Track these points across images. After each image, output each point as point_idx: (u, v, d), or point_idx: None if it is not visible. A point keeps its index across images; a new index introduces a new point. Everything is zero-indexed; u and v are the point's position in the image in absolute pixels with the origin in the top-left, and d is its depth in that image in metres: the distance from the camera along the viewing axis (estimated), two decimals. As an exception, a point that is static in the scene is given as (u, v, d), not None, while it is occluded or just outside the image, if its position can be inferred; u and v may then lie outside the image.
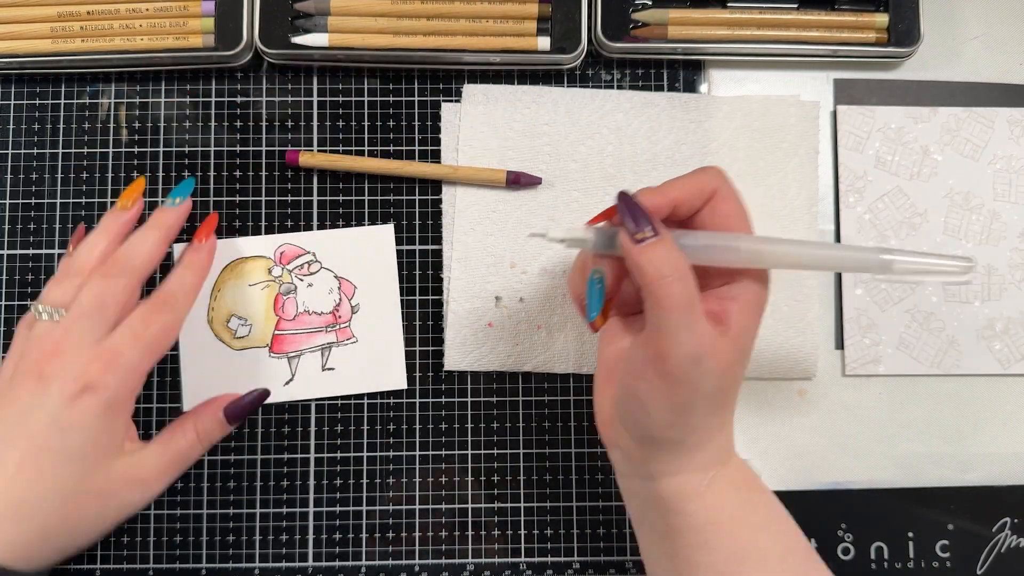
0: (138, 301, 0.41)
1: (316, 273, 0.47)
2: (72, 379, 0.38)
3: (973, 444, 0.47)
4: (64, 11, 0.47)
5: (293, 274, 0.47)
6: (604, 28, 0.47)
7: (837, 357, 0.48)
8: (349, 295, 0.47)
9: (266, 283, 0.47)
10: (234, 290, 0.47)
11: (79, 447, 0.38)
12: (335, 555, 0.46)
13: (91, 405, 0.38)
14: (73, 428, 0.38)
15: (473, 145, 0.48)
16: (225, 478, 0.46)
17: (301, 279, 0.47)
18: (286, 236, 0.48)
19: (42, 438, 0.38)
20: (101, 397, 0.38)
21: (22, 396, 0.38)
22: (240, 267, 0.47)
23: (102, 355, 0.39)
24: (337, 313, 0.47)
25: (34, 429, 0.38)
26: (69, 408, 0.38)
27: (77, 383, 0.38)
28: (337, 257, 0.47)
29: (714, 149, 0.48)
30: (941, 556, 0.46)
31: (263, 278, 0.47)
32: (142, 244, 0.42)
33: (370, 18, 0.47)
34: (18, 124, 0.48)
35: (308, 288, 0.47)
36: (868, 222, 0.48)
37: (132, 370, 0.39)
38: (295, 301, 0.47)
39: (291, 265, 0.47)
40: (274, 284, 0.47)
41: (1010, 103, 0.49)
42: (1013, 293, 0.48)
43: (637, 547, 0.47)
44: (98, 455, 0.39)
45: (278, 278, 0.47)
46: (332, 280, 0.47)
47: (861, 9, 0.48)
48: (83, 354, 0.39)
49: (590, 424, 0.47)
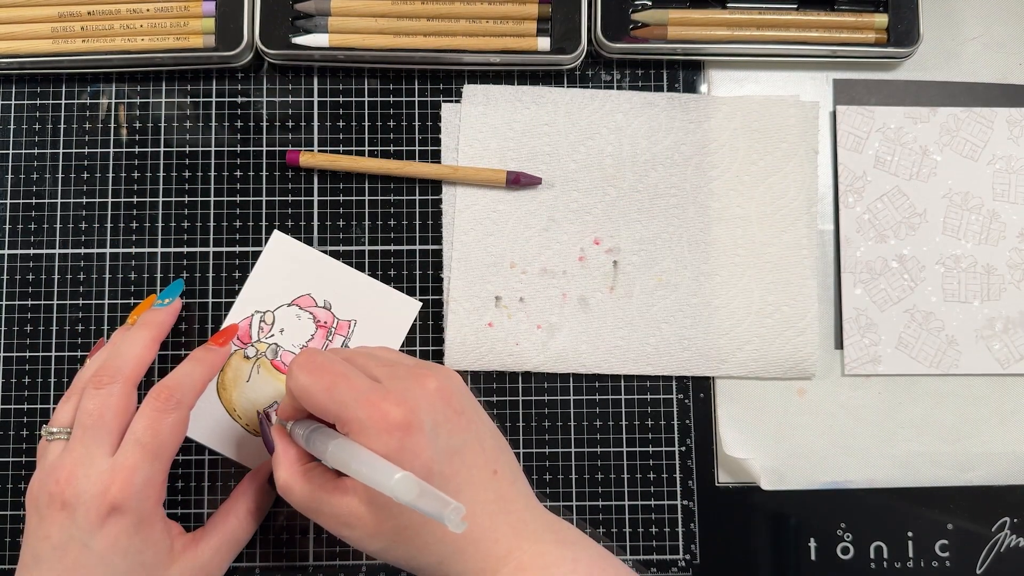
0: (137, 403, 0.40)
1: (274, 322, 0.47)
2: (96, 504, 0.37)
3: (972, 444, 0.48)
4: (65, 11, 0.47)
5: (263, 340, 0.47)
6: (604, 28, 0.47)
7: (836, 357, 0.48)
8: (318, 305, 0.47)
9: (255, 367, 0.46)
10: (244, 397, 0.46)
11: (126, 571, 0.37)
12: (335, 555, 0.46)
13: (123, 527, 0.37)
14: (113, 555, 0.37)
15: (473, 145, 0.48)
16: (226, 477, 0.46)
17: (271, 336, 0.47)
18: (230, 316, 0.47)
19: (85, 570, 0.37)
20: (128, 518, 0.37)
21: (52, 531, 0.37)
22: (226, 378, 0.46)
23: (116, 475, 0.37)
24: (320, 321, 0.47)
25: (75, 564, 0.37)
26: (101, 535, 0.37)
27: (101, 507, 0.37)
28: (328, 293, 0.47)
29: (713, 149, 0.48)
30: (940, 556, 0.46)
31: (249, 366, 0.46)
32: (131, 347, 0.41)
33: (370, 18, 0.47)
34: (18, 124, 0.48)
35: (283, 333, 0.47)
36: (867, 222, 0.48)
37: (149, 483, 0.38)
38: (287, 351, 0.47)
39: (253, 338, 0.47)
40: (262, 360, 0.47)
41: (1009, 103, 0.49)
42: (1012, 293, 0.48)
43: (637, 547, 0.47)
44: (149, 572, 0.38)
45: (257, 354, 0.47)
46: (288, 310, 0.47)
47: (861, 9, 0.48)
48: (95, 475, 0.37)
49: (590, 424, 0.47)
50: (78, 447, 0.38)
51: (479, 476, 0.37)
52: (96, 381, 0.39)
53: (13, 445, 0.47)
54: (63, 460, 0.38)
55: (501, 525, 0.36)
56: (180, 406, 0.40)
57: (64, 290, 0.47)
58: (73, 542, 0.37)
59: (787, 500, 0.47)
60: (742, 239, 0.48)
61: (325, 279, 0.47)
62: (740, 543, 0.47)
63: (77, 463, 0.38)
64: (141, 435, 0.38)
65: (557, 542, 0.37)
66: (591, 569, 0.36)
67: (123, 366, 0.40)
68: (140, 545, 0.38)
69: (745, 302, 0.47)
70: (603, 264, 0.48)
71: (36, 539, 0.38)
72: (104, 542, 0.37)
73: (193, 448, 0.46)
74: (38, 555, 0.37)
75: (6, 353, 0.47)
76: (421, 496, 0.31)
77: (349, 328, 0.47)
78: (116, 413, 0.39)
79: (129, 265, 0.48)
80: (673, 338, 0.47)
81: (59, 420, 0.40)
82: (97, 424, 0.38)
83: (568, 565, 0.36)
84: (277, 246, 0.47)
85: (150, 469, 0.38)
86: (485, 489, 0.37)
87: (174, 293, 0.46)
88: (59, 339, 0.47)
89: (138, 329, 0.42)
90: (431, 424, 0.35)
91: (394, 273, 0.48)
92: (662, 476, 0.47)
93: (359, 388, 0.36)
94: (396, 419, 0.34)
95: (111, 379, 0.39)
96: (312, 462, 0.38)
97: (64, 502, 0.37)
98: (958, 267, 0.48)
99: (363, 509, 0.36)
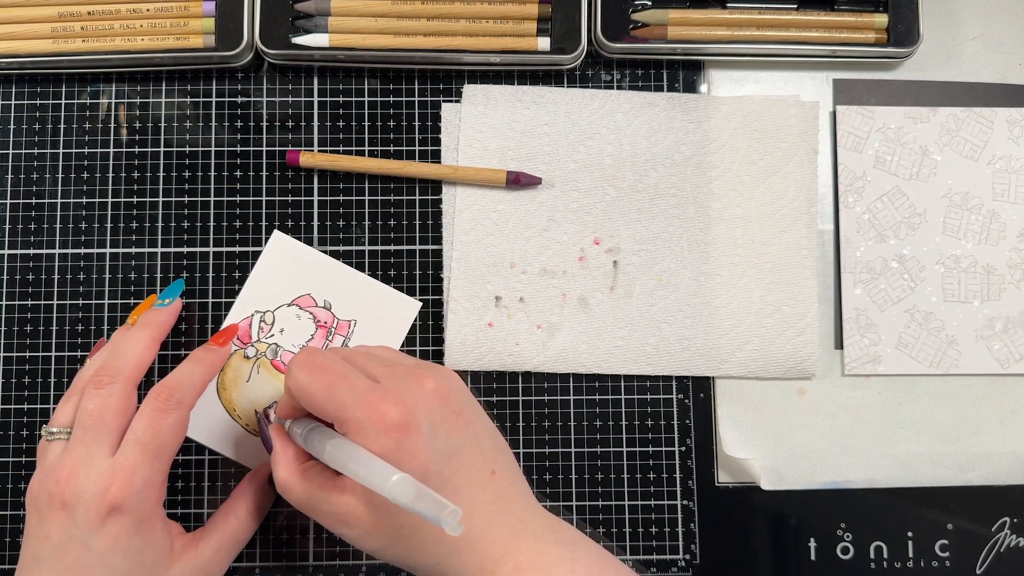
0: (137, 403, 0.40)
1: (274, 322, 0.47)
2: (96, 504, 0.37)
3: (972, 444, 0.48)
4: (64, 11, 0.47)
5: (263, 340, 0.47)
6: (604, 28, 0.47)
7: (836, 357, 0.48)
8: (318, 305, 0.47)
9: (255, 367, 0.46)
10: (244, 397, 0.46)
11: (127, 572, 0.37)
12: (335, 555, 0.46)
13: (123, 527, 0.37)
14: (113, 555, 0.37)
15: (473, 145, 0.48)
16: (226, 477, 0.46)
17: (271, 336, 0.47)
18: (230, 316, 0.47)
19: (85, 571, 0.37)
20: (128, 518, 0.37)
21: (53, 531, 0.37)
22: (226, 378, 0.46)
23: (116, 475, 0.37)
24: (320, 321, 0.47)
25: (75, 564, 0.37)
26: (101, 535, 0.37)
27: (101, 507, 0.37)
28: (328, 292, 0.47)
29: (713, 149, 0.48)
30: (940, 556, 0.46)
31: (249, 366, 0.46)
32: (132, 347, 0.41)
33: (370, 18, 0.47)
34: (18, 124, 0.48)
35: (283, 333, 0.47)
36: (867, 222, 0.48)
37: (149, 484, 0.38)
38: (287, 351, 0.47)
39: (253, 338, 0.47)
40: (262, 360, 0.46)
41: (1009, 103, 0.49)
42: (1012, 293, 0.48)
43: (637, 547, 0.47)
44: (149, 572, 0.38)
45: (257, 354, 0.47)
46: (288, 310, 0.47)
47: (861, 9, 0.48)
48: (95, 474, 0.37)
49: (590, 424, 0.47)
50: (78, 447, 0.38)
51: (477, 477, 0.37)
52: (96, 381, 0.40)
53: (13, 445, 0.47)
54: (63, 460, 0.38)
55: (499, 526, 0.36)
56: (180, 406, 0.40)
57: (64, 290, 0.47)
58: (73, 542, 0.37)
59: (787, 500, 0.47)
60: (742, 239, 0.48)
61: (325, 279, 0.47)
62: (740, 543, 0.47)
63: (77, 463, 0.38)
64: (141, 435, 0.38)
65: (556, 542, 0.37)
66: (590, 569, 0.36)
67: (123, 366, 0.40)
68: (140, 545, 0.38)
69: (745, 302, 0.47)
70: (603, 264, 0.48)
71: (36, 539, 0.38)
72: (104, 542, 0.37)
73: (193, 448, 0.46)
74: (38, 555, 0.37)
75: (6, 353, 0.47)
76: (418, 499, 0.31)
77: (349, 328, 0.47)
78: (116, 413, 0.39)
79: (129, 265, 0.48)
80: (673, 338, 0.47)
81: (59, 420, 0.40)
82: (97, 424, 0.38)
83: (567, 565, 0.36)
84: (277, 246, 0.47)
85: (150, 469, 0.38)
86: (483, 490, 0.37)
87: (174, 293, 0.46)
88: (59, 339, 0.47)
89: (138, 329, 0.42)
90: (429, 425, 0.35)
91: (394, 273, 0.48)
92: (662, 476, 0.47)
93: (358, 388, 0.36)
94: (394, 419, 0.35)
95: (111, 379, 0.39)
96: (311, 461, 0.39)
97: (64, 502, 0.37)
98: (958, 267, 0.48)
99: (361, 508, 0.36)
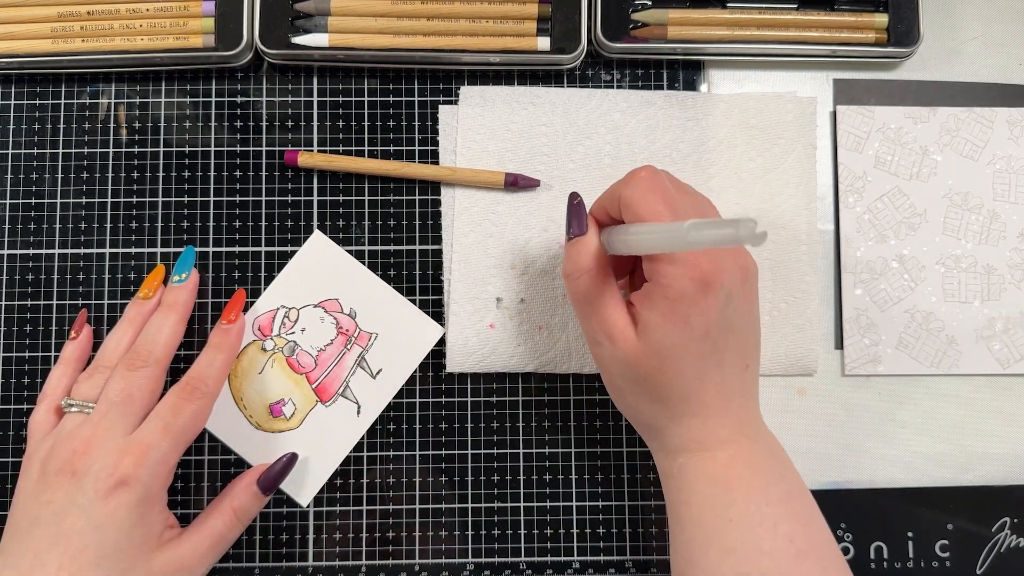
0: (163, 389, 0.42)
1: (297, 320, 0.47)
2: (105, 475, 0.38)
3: (972, 444, 0.48)
4: (64, 11, 0.47)
5: (283, 335, 0.47)
6: (604, 28, 0.47)
7: (836, 357, 0.48)
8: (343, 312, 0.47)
9: (270, 360, 0.46)
10: (252, 389, 0.46)
11: (115, 544, 0.38)
12: (335, 555, 0.46)
13: (125, 500, 0.38)
14: (109, 525, 0.38)
15: (471, 147, 0.48)
16: (225, 478, 0.46)
17: (292, 332, 0.47)
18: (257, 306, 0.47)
19: (79, 537, 0.38)
20: (134, 492, 0.39)
21: (57, 496, 0.38)
22: (240, 366, 0.46)
23: (133, 448, 0.39)
24: (342, 328, 0.47)
25: (71, 529, 0.38)
26: (103, 504, 0.38)
27: (111, 478, 0.38)
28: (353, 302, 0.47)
29: (712, 146, 0.48)
30: (940, 556, 0.46)
31: (265, 359, 0.47)
32: (160, 331, 0.43)
33: (370, 18, 0.47)
34: (18, 124, 0.48)
35: (304, 333, 0.47)
36: (867, 222, 0.48)
37: (163, 462, 0.40)
38: (304, 351, 0.47)
39: (275, 332, 0.47)
40: (277, 355, 0.47)
41: (1009, 103, 0.49)
42: (1012, 293, 0.48)
43: (637, 547, 0.47)
44: (135, 550, 0.39)
45: (275, 348, 0.47)
46: (313, 310, 0.47)
47: (861, 9, 0.48)
48: (114, 448, 0.39)
49: (590, 424, 0.47)
50: (102, 420, 0.40)
51: (736, 362, 0.38)
52: (130, 363, 0.42)
53: (13, 445, 0.47)
54: (82, 430, 0.40)
55: (735, 413, 0.38)
56: (206, 396, 0.42)
57: (64, 290, 0.47)
58: (74, 507, 0.38)
59: (787, 500, 0.47)
60: (742, 239, 0.48)
61: (355, 287, 0.47)
62: (740, 543, 0.46)
63: (97, 435, 0.40)
64: (166, 415, 0.41)
65: (770, 455, 0.38)
66: (790, 493, 0.37)
67: (155, 349, 0.42)
68: (136, 520, 0.39)
69: (745, 302, 0.47)
70: (603, 264, 0.48)
71: (37, 503, 0.39)
72: (104, 511, 0.38)
73: (193, 448, 0.46)
74: (37, 518, 0.38)
75: (6, 353, 0.47)
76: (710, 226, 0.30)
77: (369, 340, 0.47)
78: (144, 394, 0.41)
79: (129, 265, 0.48)
80: (673, 338, 0.47)
81: (81, 393, 0.42)
82: (126, 401, 0.40)
83: (775, 479, 0.37)
84: (315, 245, 0.47)
85: (166, 449, 0.40)
86: (735, 376, 0.38)
87: (188, 263, 0.46)
88: (59, 339, 0.47)
89: (164, 313, 0.44)
90: (727, 293, 0.36)
91: (394, 273, 0.48)
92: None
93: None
94: (704, 271, 0.35)
95: (144, 362, 0.42)
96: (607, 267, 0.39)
97: (75, 470, 0.39)
98: (958, 267, 0.48)
99: (631, 331, 0.37)
